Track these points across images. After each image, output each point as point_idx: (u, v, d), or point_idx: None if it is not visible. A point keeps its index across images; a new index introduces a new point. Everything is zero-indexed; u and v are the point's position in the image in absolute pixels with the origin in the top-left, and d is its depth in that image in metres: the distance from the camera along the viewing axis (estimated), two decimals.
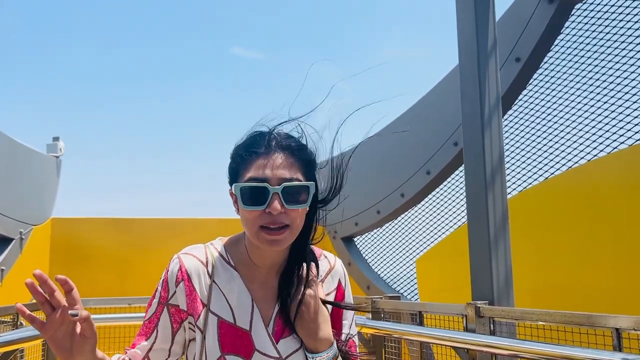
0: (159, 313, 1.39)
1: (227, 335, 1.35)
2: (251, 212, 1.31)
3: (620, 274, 3.77)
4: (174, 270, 1.39)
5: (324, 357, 1.36)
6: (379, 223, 6.71)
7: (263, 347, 1.35)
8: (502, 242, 3.55)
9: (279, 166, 1.31)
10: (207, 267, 1.40)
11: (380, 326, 3.79)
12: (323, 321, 1.38)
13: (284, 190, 1.29)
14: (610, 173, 4.01)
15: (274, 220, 1.29)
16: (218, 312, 1.36)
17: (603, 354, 2.35)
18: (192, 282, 1.37)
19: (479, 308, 3.12)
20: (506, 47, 4.84)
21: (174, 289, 1.37)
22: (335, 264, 1.53)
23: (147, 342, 1.39)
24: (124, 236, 7.39)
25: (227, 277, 1.40)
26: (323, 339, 1.36)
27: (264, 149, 1.33)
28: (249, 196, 1.30)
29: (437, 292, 5.43)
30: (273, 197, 1.28)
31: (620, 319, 2.40)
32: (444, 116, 5.66)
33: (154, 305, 1.41)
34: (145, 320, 1.40)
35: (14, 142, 6.35)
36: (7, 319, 3.86)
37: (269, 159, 1.32)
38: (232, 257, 1.43)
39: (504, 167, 3.73)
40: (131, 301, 4.60)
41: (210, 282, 1.38)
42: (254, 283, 1.41)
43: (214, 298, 1.37)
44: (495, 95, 3.74)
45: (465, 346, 3.09)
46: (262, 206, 1.29)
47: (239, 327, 1.36)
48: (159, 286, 1.41)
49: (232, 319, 1.36)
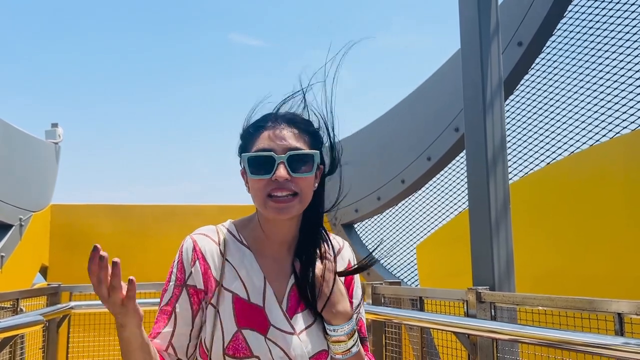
0: (177, 296, 1.38)
1: (242, 311, 1.36)
2: (258, 181, 1.34)
3: (622, 259, 3.76)
4: (188, 250, 1.40)
5: (345, 329, 1.38)
6: (380, 209, 6.70)
7: (277, 322, 1.36)
8: (503, 227, 3.53)
9: (285, 137, 1.36)
10: (220, 246, 1.41)
11: (380, 312, 3.78)
12: (340, 295, 1.40)
13: (290, 158, 1.33)
14: (613, 158, 3.98)
15: (281, 186, 1.32)
16: (232, 289, 1.38)
17: (605, 339, 2.34)
18: (206, 260, 1.39)
19: (480, 293, 3.11)
20: (508, 31, 4.80)
21: (190, 270, 1.38)
22: (343, 245, 1.56)
23: (168, 329, 1.37)
24: (123, 223, 7.39)
25: (240, 255, 1.42)
26: (342, 312, 1.38)
27: (270, 123, 1.39)
28: (256, 165, 1.35)
29: (438, 278, 5.43)
30: (279, 165, 1.32)
31: (622, 303, 2.39)
32: (444, 102, 5.63)
33: (170, 289, 1.40)
34: (162, 305, 1.39)
35: (13, 128, 6.32)
36: (7, 304, 3.85)
37: (275, 131, 1.37)
38: (243, 235, 1.45)
39: (506, 152, 3.70)
40: None
41: (222, 261, 1.39)
42: (267, 260, 1.43)
43: (227, 275, 1.39)
44: (497, 79, 3.70)
45: (466, 331, 3.08)
46: (269, 174, 1.32)
47: (253, 304, 1.37)
48: (173, 269, 1.41)
49: (246, 296, 1.38)
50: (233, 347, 1.32)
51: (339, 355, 1.39)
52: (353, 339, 1.39)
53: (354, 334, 1.40)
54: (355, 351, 1.40)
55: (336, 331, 1.37)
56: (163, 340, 1.37)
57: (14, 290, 3.98)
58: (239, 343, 1.33)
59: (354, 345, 1.40)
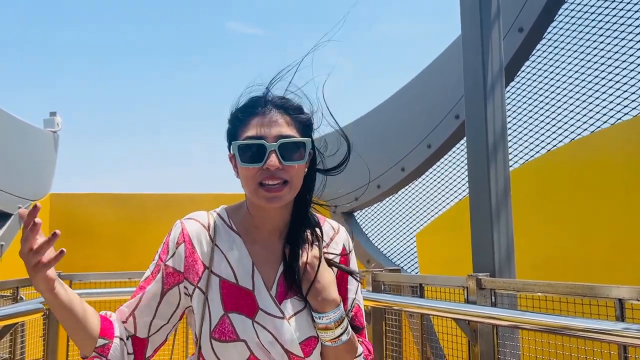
0: (155, 273, 1.40)
1: (230, 295, 1.35)
2: (249, 170, 1.33)
3: (623, 245, 3.76)
4: (175, 233, 1.40)
5: (331, 317, 1.35)
6: (379, 197, 6.68)
7: (266, 306, 1.35)
8: (504, 214, 3.52)
9: (276, 124, 1.34)
10: (209, 230, 1.41)
11: (380, 299, 3.78)
12: (328, 282, 1.38)
13: (281, 146, 1.32)
14: (614, 144, 3.97)
15: (272, 175, 1.31)
16: (220, 273, 1.37)
17: (605, 324, 2.34)
18: (193, 244, 1.38)
19: (480, 280, 3.10)
20: (509, 17, 4.76)
21: (174, 251, 1.38)
22: (339, 230, 1.54)
23: (134, 300, 1.39)
24: (123, 211, 7.38)
25: (229, 241, 1.41)
26: (329, 300, 1.36)
27: (260, 109, 1.36)
28: (246, 153, 1.33)
29: (437, 266, 5.43)
30: (270, 153, 1.31)
31: (623, 289, 2.38)
32: (445, 89, 5.60)
33: (150, 267, 1.42)
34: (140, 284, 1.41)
35: (11, 116, 6.29)
36: (7, 293, 3.85)
37: (266, 117, 1.35)
38: (234, 221, 1.44)
39: (506, 139, 3.68)
40: (131, 275, 4.61)
41: (212, 245, 1.39)
42: (256, 246, 1.42)
43: (216, 260, 1.38)
44: (498, 66, 3.67)
45: (466, 318, 3.08)
46: (260, 163, 1.31)
47: (242, 287, 1.36)
48: (159, 250, 1.42)
49: (235, 280, 1.37)
50: (219, 330, 1.31)
51: (329, 343, 1.37)
52: (342, 327, 1.36)
53: (342, 321, 1.37)
54: (345, 339, 1.37)
55: (322, 319, 1.35)
56: (128, 308, 1.38)
57: (14, 279, 3.98)
58: (225, 327, 1.31)
59: (344, 334, 1.37)
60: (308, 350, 1.36)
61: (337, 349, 1.38)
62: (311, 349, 1.36)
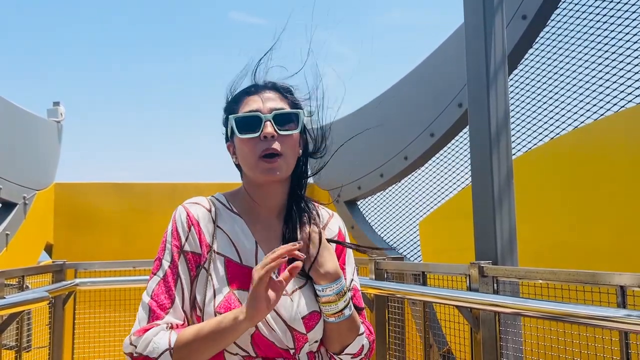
0: (177, 264, 1.39)
1: (234, 274, 1.39)
2: (247, 142, 1.41)
3: (625, 232, 3.76)
4: (181, 218, 1.43)
5: (334, 288, 1.39)
6: (383, 186, 6.69)
7: None
8: (506, 202, 3.53)
9: (269, 99, 1.45)
10: (211, 213, 1.45)
11: (383, 286, 3.80)
12: (328, 255, 1.42)
13: (275, 117, 1.41)
14: (616, 132, 3.96)
15: (268, 146, 1.39)
16: (224, 252, 1.41)
17: (607, 311, 2.35)
18: (200, 226, 1.43)
19: (483, 267, 3.12)
20: (512, 4, 4.73)
21: (187, 235, 1.41)
22: (333, 214, 1.61)
23: (178, 300, 1.37)
24: (127, 200, 7.41)
25: (231, 222, 1.46)
26: (330, 272, 1.39)
27: (254, 89, 1.48)
28: (244, 125, 1.42)
29: (440, 254, 5.45)
30: (266, 123, 1.40)
31: (625, 276, 2.39)
32: (447, 77, 5.58)
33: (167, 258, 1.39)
34: (162, 276, 1.37)
35: (14, 106, 6.30)
36: (13, 282, 3.89)
37: (260, 95, 1.46)
38: (234, 204, 1.49)
39: (509, 127, 3.68)
40: (136, 264, 4.64)
41: (214, 227, 1.43)
42: (257, 226, 1.47)
43: (219, 240, 1.42)
44: (501, 53, 3.66)
45: (468, 305, 3.10)
46: (257, 133, 1.40)
47: (245, 266, 1.40)
48: (167, 237, 1.42)
49: (238, 259, 1.41)
50: (225, 305, 1.34)
51: (332, 318, 1.39)
52: (344, 300, 1.39)
53: (344, 294, 1.39)
54: (348, 314, 1.40)
55: (324, 290, 1.38)
56: (179, 313, 1.36)
57: (20, 268, 4.01)
58: (231, 302, 1.34)
59: (346, 307, 1.40)
60: (311, 324, 1.39)
61: (340, 326, 1.40)
62: (314, 324, 1.39)
